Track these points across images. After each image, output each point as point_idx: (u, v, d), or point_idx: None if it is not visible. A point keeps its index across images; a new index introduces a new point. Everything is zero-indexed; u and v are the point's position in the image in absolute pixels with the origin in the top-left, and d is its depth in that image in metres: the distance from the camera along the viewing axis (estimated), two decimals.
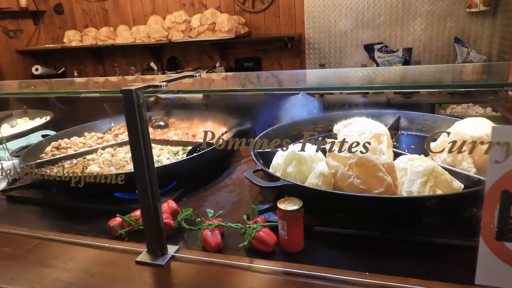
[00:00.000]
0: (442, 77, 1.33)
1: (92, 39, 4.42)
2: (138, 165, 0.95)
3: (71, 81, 2.08)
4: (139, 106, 0.91)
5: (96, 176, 1.29)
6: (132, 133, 0.93)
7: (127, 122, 0.93)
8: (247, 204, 1.36)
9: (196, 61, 4.48)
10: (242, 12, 4.10)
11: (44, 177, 1.36)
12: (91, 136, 1.95)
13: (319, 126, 1.82)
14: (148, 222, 1.01)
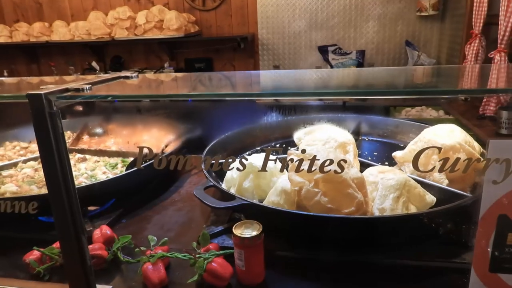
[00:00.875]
0: (398, 81, 1.25)
1: (23, 35, 3.98)
2: (53, 189, 0.74)
3: None
4: (52, 115, 0.70)
5: (9, 200, 1.04)
6: (43, 150, 0.72)
7: (36, 135, 0.72)
8: (198, 225, 1.18)
9: (142, 61, 4.20)
10: (192, 10, 3.88)
11: None
12: (13, 146, 1.67)
13: (275, 133, 1.67)
14: (69, 260, 0.80)
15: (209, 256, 0.90)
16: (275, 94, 0.91)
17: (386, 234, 0.94)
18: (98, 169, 1.36)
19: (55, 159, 0.72)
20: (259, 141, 1.64)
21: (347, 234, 0.94)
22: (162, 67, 4.02)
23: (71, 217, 0.76)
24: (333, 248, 0.95)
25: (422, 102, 2.86)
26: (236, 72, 2.82)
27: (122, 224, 1.21)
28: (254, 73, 1.75)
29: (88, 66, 4.15)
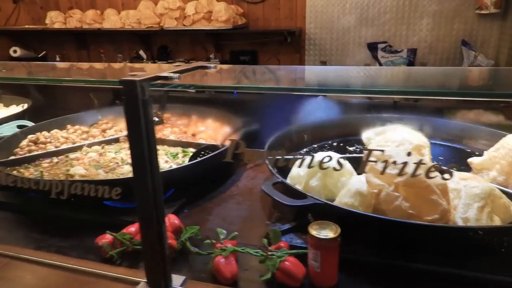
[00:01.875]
0: (454, 82, 1.18)
1: (77, 22, 4.11)
2: (140, 176, 0.74)
3: (53, 66, 1.84)
4: (144, 102, 0.70)
5: (81, 182, 1.06)
6: (134, 137, 0.72)
7: (128, 122, 0.72)
8: (260, 220, 1.16)
9: (188, 51, 4.23)
10: (240, 2, 3.87)
11: (17, 181, 1.12)
12: (75, 129, 1.71)
13: (332, 130, 1.63)
14: (149, 247, 0.80)
15: (282, 255, 0.88)
16: (342, 91, 0.87)
17: (471, 246, 0.89)
18: (159, 157, 1.37)
19: (144, 147, 0.72)
20: (316, 138, 1.60)
21: (430, 243, 0.90)
22: (207, 58, 4.04)
23: (155, 205, 0.77)
24: (409, 255, 0.91)
25: (478, 105, 2.71)
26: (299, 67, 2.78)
27: (184, 214, 1.21)
28: (318, 68, 1.71)
29: (135, 54, 4.23)
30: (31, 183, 1.03)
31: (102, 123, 1.80)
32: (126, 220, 1.12)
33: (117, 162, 1.30)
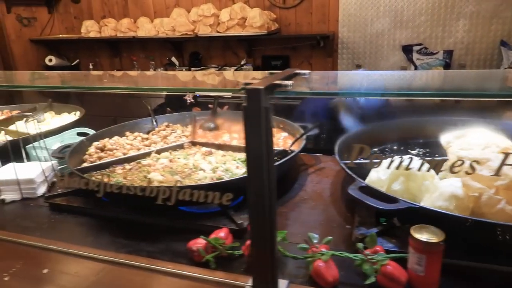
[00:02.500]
0: (497, 84, 1.17)
1: (111, 31, 4.20)
2: (257, 180, 0.76)
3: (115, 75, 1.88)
4: (266, 110, 0.71)
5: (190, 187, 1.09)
6: (253, 143, 0.73)
7: (249, 129, 0.73)
8: (339, 224, 1.17)
9: (220, 57, 4.27)
10: (272, 7, 3.90)
11: (101, 186, 1.16)
12: (135, 136, 1.75)
13: (395, 133, 1.63)
14: (260, 251, 0.81)
15: (383, 259, 0.88)
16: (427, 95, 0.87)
17: None
18: (228, 163, 1.39)
19: (263, 153, 0.74)
20: (376, 142, 1.60)
21: None
22: (239, 64, 4.07)
23: (269, 210, 0.78)
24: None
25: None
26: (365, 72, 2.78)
27: None
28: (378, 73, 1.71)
29: (168, 61, 4.30)
30: (137, 190, 1.06)
31: (159, 129, 1.84)
32: (203, 224, 1.15)
33: (191, 168, 1.33)
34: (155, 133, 1.80)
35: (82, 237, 1.16)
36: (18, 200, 1.41)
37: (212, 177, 1.26)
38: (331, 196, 1.36)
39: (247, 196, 0.79)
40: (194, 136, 1.71)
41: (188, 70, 4.04)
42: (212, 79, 1.32)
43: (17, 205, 1.39)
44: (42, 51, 4.73)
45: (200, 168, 1.33)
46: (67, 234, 1.18)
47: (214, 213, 1.21)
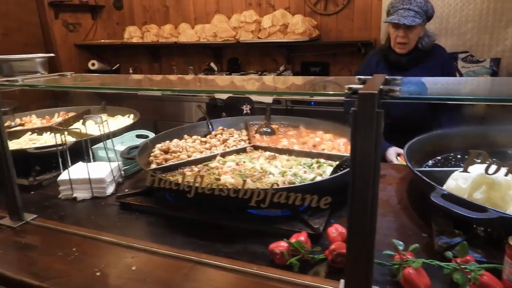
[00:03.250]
0: None
1: (153, 36, 4.31)
2: (363, 184, 0.76)
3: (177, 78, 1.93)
4: (378, 114, 0.72)
5: (246, 190, 1.10)
6: (362, 149, 0.73)
7: (358, 134, 0.73)
8: (415, 232, 1.15)
9: (258, 63, 4.31)
10: (313, 14, 3.91)
11: (176, 186, 1.18)
12: (193, 139, 1.78)
13: (458, 141, 1.60)
14: (358, 253, 0.81)
15: (477, 268, 0.86)
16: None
17: None
18: (294, 168, 1.40)
19: (372, 156, 0.74)
20: (440, 150, 1.58)
21: None
22: (278, 69, 4.10)
23: (371, 216, 0.78)
24: None
25: None
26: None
27: (332, 224, 1.22)
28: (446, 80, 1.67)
29: (207, 66, 4.36)
30: (230, 191, 1.08)
31: (216, 133, 1.86)
32: (282, 228, 1.15)
33: (261, 171, 1.34)
34: (212, 136, 1.83)
35: (157, 236, 1.18)
36: (89, 198, 1.45)
37: (284, 181, 1.27)
38: (399, 203, 1.35)
39: (351, 200, 0.79)
40: (252, 140, 1.72)
41: (227, 75, 4.09)
42: (284, 83, 1.33)
43: (88, 203, 1.43)
44: (85, 55, 4.90)
45: (269, 172, 1.34)
46: (142, 233, 1.21)
47: (283, 216, 1.21)
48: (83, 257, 1.05)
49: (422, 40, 2.17)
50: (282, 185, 1.24)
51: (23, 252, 1.09)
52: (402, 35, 2.09)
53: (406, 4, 2.08)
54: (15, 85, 1.13)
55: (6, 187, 1.20)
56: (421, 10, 2.09)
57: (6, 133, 1.16)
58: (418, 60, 2.18)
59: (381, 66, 2.24)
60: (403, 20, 2.02)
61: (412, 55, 2.15)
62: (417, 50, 2.16)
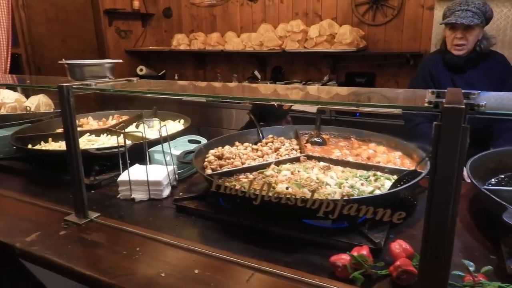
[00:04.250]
0: None
1: (200, 44, 4.42)
2: (443, 202, 0.73)
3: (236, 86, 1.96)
4: (465, 130, 0.69)
5: (305, 200, 1.10)
6: (445, 164, 0.71)
7: (439, 149, 0.71)
8: (482, 253, 1.10)
9: (302, 72, 4.31)
10: (361, 24, 3.87)
11: (236, 192, 1.19)
12: (245, 146, 1.80)
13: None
14: (433, 271, 0.78)
15: None
16: None
17: None
18: (350, 179, 1.37)
19: (453, 177, 0.71)
20: (502, 168, 1.51)
21: None
22: (322, 79, 4.08)
23: (449, 233, 0.75)
24: None
25: None
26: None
27: (391, 239, 1.19)
28: None
29: (251, 74, 4.41)
30: (298, 201, 1.09)
31: (267, 141, 1.87)
32: (341, 241, 1.13)
33: (317, 182, 1.33)
34: (263, 144, 1.84)
35: (214, 241, 1.19)
36: (146, 200, 1.50)
37: (342, 193, 1.25)
38: (461, 222, 1.29)
39: (428, 218, 0.76)
40: (304, 150, 1.71)
41: (271, 84, 4.12)
42: (346, 93, 1.32)
43: (146, 204, 1.47)
44: (134, 61, 5.09)
45: (325, 182, 1.33)
46: (200, 237, 1.23)
47: (340, 228, 1.20)
48: (146, 257, 1.08)
49: (480, 42, 2.10)
50: (341, 197, 1.23)
51: (90, 248, 1.13)
52: (459, 36, 2.04)
53: (464, 5, 2.02)
54: (89, 89, 1.19)
55: (74, 185, 1.26)
56: (479, 11, 2.02)
57: (78, 134, 1.22)
58: (476, 62, 2.11)
59: (439, 68, 2.18)
60: (460, 20, 1.97)
61: (470, 56, 2.09)
62: (475, 52, 2.09)
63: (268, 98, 1.65)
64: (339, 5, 3.92)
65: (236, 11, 4.51)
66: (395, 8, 3.69)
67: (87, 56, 4.51)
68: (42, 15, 4.14)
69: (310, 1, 4.05)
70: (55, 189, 1.59)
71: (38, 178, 1.75)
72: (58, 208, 1.40)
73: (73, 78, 1.37)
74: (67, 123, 1.17)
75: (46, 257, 1.09)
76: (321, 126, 2.03)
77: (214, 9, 4.67)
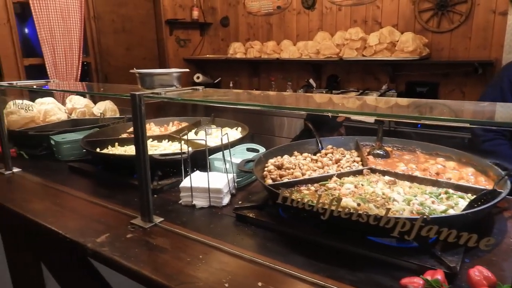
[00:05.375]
0: None
1: (256, 52, 4.47)
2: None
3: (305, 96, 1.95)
4: None
5: (373, 217, 1.04)
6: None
7: None
8: None
9: (359, 81, 4.21)
10: (424, 31, 3.70)
11: (303, 206, 1.16)
12: (304, 157, 1.77)
13: None
14: None
15: None
16: None
17: None
18: (419, 196, 1.30)
19: None
20: None
21: None
22: (379, 88, 3.94)
23: None
24: None
25: None
26: None
27: (466, 264, 1.10)
28: None
29: (306, 83, 4.38)
30: (371, 219, 1.04)
31: (327, 152, 1.83)
32: (410, 261, 1.07)
33: (384, 197, 1.27)
34: (323, 155, 1.80)
35: (276, 253, 1.17)
36: (206, 207, 1.51)
37: (411, 211, 1.18)
38: None
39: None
40: (366, 162, 1.65)
41: (327, 92, 4.06)
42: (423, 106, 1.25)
43: (206, 211, 1.49)
44: (192, 69, 5.26)
45: (392, 198, 1.26)
46: (261, 248, 1.21)
47: (409, 248, 1.13)
48: (210, 266, 1.09)
49: None
50: (410, 215, 1.16)
51: (155, 253, 1.16)
52: None
53: None
54: (159, 97, 1.23)
55: (141, 190, 1.30)
56: None
57: (146, 140, 1.26)
58: None
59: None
60: None
61: None
62: None
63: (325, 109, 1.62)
64: (400, 11, 3.78)
65: (293, 19, 4.51)
66: (462, 13, 3.49)
67: (149, 64, 4.73)
68: (110, 26, 4.41)
69: (369, 8, 3.95)
70: (121, 191, 1.66)
71: (105, 180, 1.84)
72: (125, 211, 1.45)
73: (143, 87, 1.42)
74: (138, 129, 1.22)
75: (115, 259, 1.13)
76: (387, 138, 1.96)
77: (271, 17, 4.70)
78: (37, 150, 2.22)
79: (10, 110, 2.37)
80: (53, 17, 3.60)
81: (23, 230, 1.64)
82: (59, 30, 3.66)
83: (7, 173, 1.91)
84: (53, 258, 1.58)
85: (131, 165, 1.52)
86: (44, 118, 2.54)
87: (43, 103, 2.61)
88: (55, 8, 3.61)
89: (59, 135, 2.17)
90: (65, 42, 3.72)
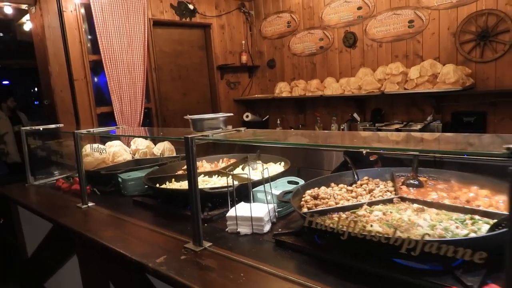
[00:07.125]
0: None
1: (301, 90, 4.71)
2: None
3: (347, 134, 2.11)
4: None
5: (400, 240, 1.16)
6: None
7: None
8: None
9: (403, 113, 4.26)
10: (467, 62, 3.73)
11: (330, 229, 1.31)
12: (340, 188, 1.91)
13: None
14: None
15: None
16: None
17: None
18: (445, 222, 1.38)
19: None
20: None
21: None
22: (424, 120, 3.97)
23: None
24: None
25: None
26: None
27: (489, 285, 1.17)
28: None
29: (350, 117, 4.51)
30: (391, 240, 1.17)
31: (362, 183, 1.95)
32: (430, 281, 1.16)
33: (409, 223, 1.38)
34: (358, 186, 1.92)
35: (310, 274, 1.31)
36: (249, 234, 1.70)
37: (433, 235, 1.28)
38: None
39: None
40: (399, 191, 1.75)
41: (371, 126, 4.15)
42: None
43: (249, 238, 1.67)
44: (242, 108, 5.61)
45: (417, 224, 1.36)
46: (298, 270, 1.35)
47: (434, 270, 1.22)
48: (249, 283, 1.26)
49: None
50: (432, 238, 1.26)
51: (204, 271, 1.36)
52: None
53: None
54: (208, 139, 1.47)
55: (193, 219, 1.53)
56: None
57: (197, 176, 1.50)
58: None
59: None
60: None
61: None
62: None
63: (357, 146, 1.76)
64: (441, 44, 3.85)
65: (335, 57, 4.73)
66: (506, 43, 3.49)
67: (202, 107, 5.15)
68: (169, 75, 4.92)
69: (410, 42, 4.06)
70: (177, 221, 1.90)
71: (164, 212, 2.10)
72: (180, 237, 1.68)
73: (195, 130, 1.68)
74: (190, 167, 1.46)
75: (171, 275, 1.34)
76: (420, 168, 2.03)
77: (314, 57, 4.96)
78: (107, 187, 2.56)
79: (85, 153, 2.77)
80: (121, 70, 4.14)
81: (97, 253, 1.92)
82: (125, 81, 4.18)
83: (83, 207, 2.25)
84: (119, 277, 1.83)
85: (186, 198, 1.76)
86: (113, 159, 2.92)
87: (112, 146, 3.01)
88: (123, 62, 4.15)
89: (125, 174, 2.50)
90: (130, 92, 4.23)
